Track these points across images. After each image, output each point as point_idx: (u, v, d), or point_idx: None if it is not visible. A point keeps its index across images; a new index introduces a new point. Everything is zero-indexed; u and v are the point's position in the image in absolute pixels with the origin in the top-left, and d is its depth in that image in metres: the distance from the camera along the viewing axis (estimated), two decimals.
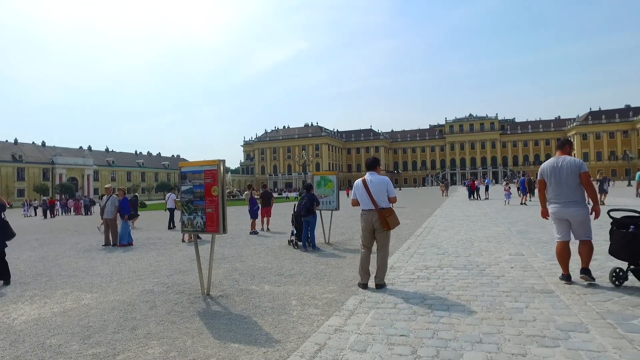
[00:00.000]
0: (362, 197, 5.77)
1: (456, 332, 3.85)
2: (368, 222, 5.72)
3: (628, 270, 5.15)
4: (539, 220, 13.66)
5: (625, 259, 5.11)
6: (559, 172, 5.50)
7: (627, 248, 4.98)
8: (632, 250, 4.96)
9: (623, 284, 5.16)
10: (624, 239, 5.01)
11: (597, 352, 3.30)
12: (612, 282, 5.19)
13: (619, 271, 5.17)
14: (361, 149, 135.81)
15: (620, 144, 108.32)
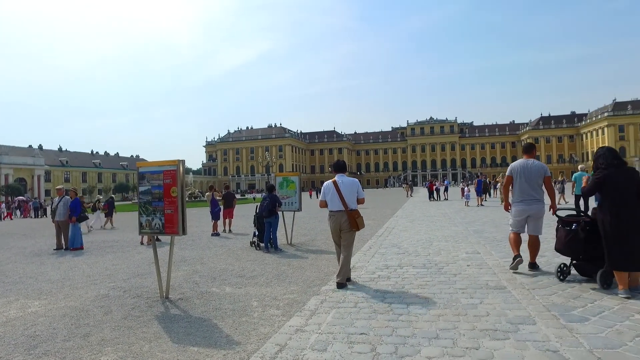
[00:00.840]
0: (332, 198, 5.88)
1: (414, 328, 3.96)
2: (337, 222, 5.84)
3: (571, 265, 5.49)
4: (494, 220, 14.26)
5: (568, 255, 5.46)
6: (529, 172, 6.12)
7: (570, 244, 5.30)
8: (574, 247, 5.28)
9: (567, 278, 5.49)
10: (567, 236, 5.32)
11: (542, 342, 3.50)
12: (557, 276, 5.51)
13: (563, 266, 5.51)
14: (325, 151, 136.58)
15: (567, 148, 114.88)
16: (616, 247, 4.70)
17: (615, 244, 4.70)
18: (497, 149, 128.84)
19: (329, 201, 5.93)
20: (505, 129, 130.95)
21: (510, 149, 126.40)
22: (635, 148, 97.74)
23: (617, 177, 4.81)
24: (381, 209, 23.67)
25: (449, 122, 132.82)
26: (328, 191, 5.94)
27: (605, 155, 5.00)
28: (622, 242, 4.67)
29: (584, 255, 5.31)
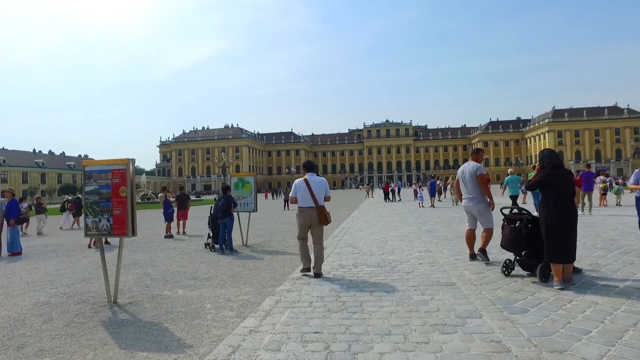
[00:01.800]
0: (303, 195, 6.35)
1: (368, 326, 4.03)
2: (307, 218, 6.33)
3: (515, 261, 5.80)
4: (446, 220, 14.78)
5: (512, 251, 5.76)
6: (466, 174, 6.90)
7: (514, 241, 5.60)
8: (517, 243, 5.58)
9: (511, 273, 5.79)
10: (511, 233, 5.62)
11: (487, 334, 3.68)
12: (502, 272, 5.82)
13: (508, 262, 5.82)
14: (282, 152, 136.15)
15: (514, 151, 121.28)
16: (555, 241, 5.03)
17: (555, 238, 5.03)
18: (449, 152, 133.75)
19: (300, 198, 6.36)
20: (458, 132, 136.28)
21: (462, 151, 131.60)
22: (571, 152, 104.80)
23: (558, 176, 5.18)
24: (338, 210, 23.89)
25: (404, 125, 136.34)
26: (300, 188, 6.38)
27: (550, 156, 5.37)
28: (560, 237, 5.02)
29: (527, 250, 5.62)
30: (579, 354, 3.22)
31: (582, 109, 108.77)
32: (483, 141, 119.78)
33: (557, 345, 3.39)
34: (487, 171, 7.44)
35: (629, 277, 5.52)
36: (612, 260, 6.63)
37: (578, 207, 11.91)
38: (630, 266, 6.16)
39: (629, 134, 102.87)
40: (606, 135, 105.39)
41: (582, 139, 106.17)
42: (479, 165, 6.88)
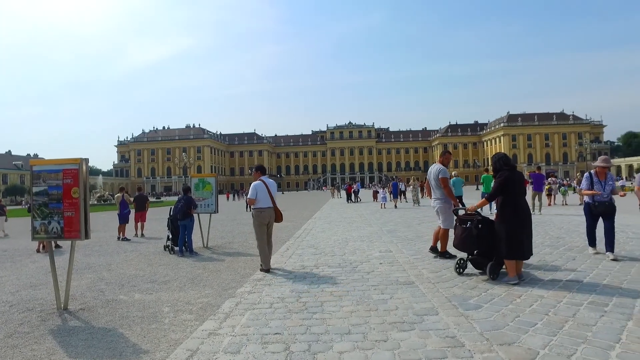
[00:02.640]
0: (264, 196, 6.83)
1: (328, 326, 4.07)
2: (267, 217, 6.84)
3: (467, 260, 6.00)
4: (407, 220, 15.12)
5: (464, 250, 5.93)
6: (431, 176, 7.38)
7: (465, 241, 5.76)
8: (469, 243, 5.75)
9: (464, 272, 5.99)
10: (463, 234, 5.78)
11: (443, 330, 3.81)
12: (455, 271, 6.01)
13: (460, 261, 6.02)
14: (245, 153, 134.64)
15: (472, 154, 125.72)
16: (515, 240, 5.27)
17: (514, 237, 5.27)
18: (410, 154, 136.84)
19: (261, 199, 6.80)
20: (419, 135, 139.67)
21: (423, 154, 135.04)
22: (524, 155, 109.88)
23: (514, 178, 5.44)
24: (300, 211, 23.91)
25: (367, 127, 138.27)
26: (261, 190, 6.82)
27: (505, 159, 5.65)
28: (519, 236, 5.28)
29: (478, 250, 5.81)
30: (525, 345, 3.41)
31: (534, 114, 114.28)
32: (443, 144, 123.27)
33: (506, 337, 3.56)
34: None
35: (571, 272, 5.90)
36: (558, 256, 7.04)
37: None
38: (573, 262, 6.57)
39: (574, 138, 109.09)
40: (555, 139, 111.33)
41: (534, 143, 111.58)
42: (442, 169, 7.23)
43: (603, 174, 6.85)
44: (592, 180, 6.86)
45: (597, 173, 6.87)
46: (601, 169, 6.85)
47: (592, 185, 6.83)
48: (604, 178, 6.82)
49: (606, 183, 6.79)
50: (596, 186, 6.79)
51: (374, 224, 14.06)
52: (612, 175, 6.93)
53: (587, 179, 6.94)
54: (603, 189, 6.74)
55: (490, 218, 5.82)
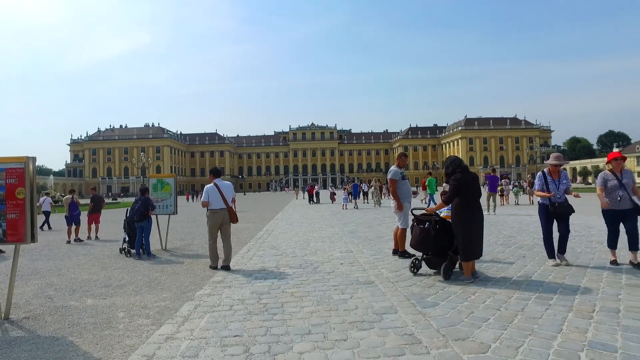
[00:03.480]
0: (215, 198, 7.17)
1: (288, 326, 4.06)
2: (219, 218, 7.17)
3: (422, 260, 6.06)
4: (367, 221, 15.34)
5: (421, 250, 5.98)
6: (388, 177, 7.57)
7: (422, 241, 5.81)
8: (425, 243, 5.80)
9: (419, 271, 6.07)
10: (420, 234, 5.85)
11: (401, 328, 3.90)
12: (410, 270, 6.08)
13: (415, 261, 6.09)
14: (206, 153, 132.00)
15: (431, 156, 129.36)
16: (468, 240, 5.43)
17: (470, 237, 5.43)
18: (372, 156, 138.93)
19: (213, 201, 7.16)
20: (380, 137, 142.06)
21: (384, 155, 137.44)
22: (480, 158, 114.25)
23: (467, 179, 5.59)
24: (262, 213, 23.73)
25: (329, 128, 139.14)
26: (212, 193, 7.18)
27: (457, 162, 5.80)
28: (472, 236, 5.44)
29: (434, 250, 5.88)
30: (478, 339, 3.55)
31: (489, 118, 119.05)
32: (403, 146, 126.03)
33: (461, 333, 3.69)
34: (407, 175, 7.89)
35: (522, 269, 6.21)
36: (509, 254, 7.37)
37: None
38: (523, 259, 6.92)
39: (525, 142, 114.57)
40: (508, 143, 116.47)
41: (489, 146, 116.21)
42: (393, 171, 7.44)
43: (556, 172, 6.48)
44: (546, 179, 6.46)
45: (551, 172, 6.51)
46: (554, 168, 6.49)
47: (546, 186, 6.40)
48: (557, 177, 6.45)
49: (560, 182, 6.39)
50: (550, 186, 6.38)
51: (336, 225, 14.17)
52: (565, 173, 6.53)
53: (540, 179, 6.52)
54: (557, 189, 6.35)
55: (447, 219, 5.94)
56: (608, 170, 6.35)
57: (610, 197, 6.11)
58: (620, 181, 6.07)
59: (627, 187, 6.05)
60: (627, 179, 6.10)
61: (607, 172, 6.32)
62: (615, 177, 6.13)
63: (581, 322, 3.88)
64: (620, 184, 6.05)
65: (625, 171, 6.21)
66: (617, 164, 6.17)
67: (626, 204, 6.00)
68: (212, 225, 7.19)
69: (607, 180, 6.21)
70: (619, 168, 6.17)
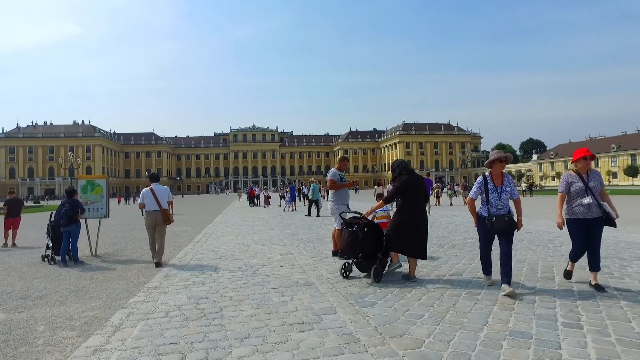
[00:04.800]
0: (150, 201, 7.85)
1: (227, 331, 3.98)
2: (152, 219, 7.86)
3: (352, 263, 6.07)
4: (308, 223, 15.43)
5: (350, 254, 5.92)
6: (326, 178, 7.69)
7: (351, 245, 5.79)
8: (354, 246, 5.78)
9: (350, 275, 6.10)
10: (349, 237, 5.82)
11: (340, 328, 3.97)
12: (341, 274, 6.03)
13: (346, 264, 6.09)
14: (142, 154, 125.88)
15: (370, 160, 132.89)
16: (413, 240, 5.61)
17: (413, 238, 5.61)
18: (313, 158, 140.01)
19: (147, 203, 7.85)
20: (321, 140, 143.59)
21: (325, 158, 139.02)
22: (417, 162, 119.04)
23: (412, 182, 5.74)
24: (200, 215, 23.08)
25: (271, 130, 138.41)
26: (146, 196, 7.89)
27: (403, 165, 5.94)
28: (417, 237, 5.63)
29: (363, 253, 5.85)
30: (413, 335, 3.72)
31: (425, 124, 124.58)
32: (344, 149, 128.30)
33: (397, 330, 3.83)
34: (347, 178, 8.05)
35: (454, 267, 6.59)
36: (443, 253, 7.78)
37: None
38: (455, 257, 7.34)
39: (458, 147, 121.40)
40: (443, 147, 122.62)
41: (425, 150, 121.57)
42: (332, 172, 7.57)
43: (499, 177, 5.16)
44: (486, 186, 5.13)
45: (492, 176, 5.17)
46: (497, 169, 5.13)
47: (486, 194, 5.10)
48: (500, 183, 5.12)
49: (503, 190, 5.07)
50: (491, 195, 5.07)
51: (276, 227, 14.12)
52: (510, 179, 5.18)
53: (479, 186, 5.24)
54: (499, 198, 5.04)
55: (375, 222, 6.08)
56: (572, 171, 5.24)
57: (575, 203, 5.09)
58: (586, 184, 5.03)
59: (595, 191, 5.03)
60: (595, 182, 5.07)
61: (572, 174, 5.22)
62: (581, 180, 5.06)
63: (504, 314, 4.20)
64: (587, 188, 5.01)
65: (592, 172, 5.16)
66: (585, 164, 5.11)
67: (594, 212, 5.01)
68: (148, 226, 7.96)
69: (571, 184, 5.13)
70: (586, 169, 5.12)
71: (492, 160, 5.12)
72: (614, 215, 5.01)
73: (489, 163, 5.16)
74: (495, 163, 5.11)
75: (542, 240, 9.30)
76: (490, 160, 5.16)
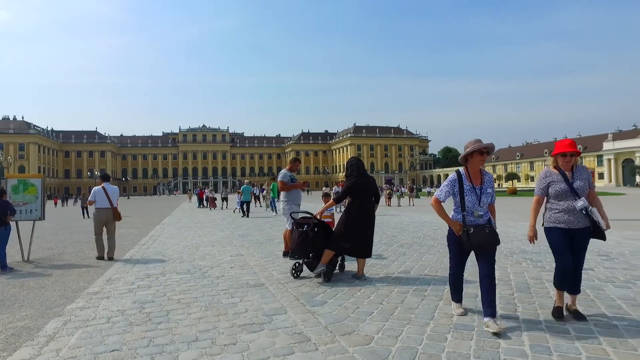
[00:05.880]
0: (103, 199, 8.38)
1: (173, 335, 3.84)
2: (103, 216, 8.40)
3: (303, 263, 6.05)
4: (259, 224, 15.28)
5: (301, 255, 5.93)
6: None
7: (302, 245, 5.80)
8: (305, 246, 5.79)
9: (300, 275, 6.08)
10: (299, 237, 5.83)
11: (291, 327, 3.96)
12: (292, 275, 6.01)
13: (297, 265, 6.07)
14: (84, 153, 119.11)
15: (322, 161, 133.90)
16: (345, 235, 5.65)
17: (360, 237, 5.66)
18: (264, 160, 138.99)
19: (100, 201, 8.37)
20: (273, 141, 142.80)
21: (276, 160, 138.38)
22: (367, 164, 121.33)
23: (363, 183, 5.79)
24: (148, 217, 22.19)
25: (222, 131, 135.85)
26: (99, 194, 8.40)
27: (357, 165, 5.96)
28: (350, 234, 5.66)
29: (313, 253, 5.87)
30: (363, 332, 3.78)
31: (376, 127, 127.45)
32: (295, 150, 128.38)
33: (347, 328, 3.88)
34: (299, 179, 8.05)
35: (402, 265, 6.77)
36: (392, 252, 7.98)
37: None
38: (403, 256, 7.55)
39: (407, 150, 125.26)
40: (392, 150, 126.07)
41: (376, 153, 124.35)
42: (283, 173, 7.57)
43: (478, 174, 3.97)
44: (461, 184, 3.92)
45: (470, 173, 3.96)
46: (476, 165, 3.95)
47: (461, 197, 3.89)
48: (479, 182, 3.95)
49: (483, 191, 3.91)
50: (468, 196, 3.87)
51: (226, 229, 13.86)
52: (491, 177, 4.06)
53: (451, 183, 3.98)
54: (478, 202, 3.87)
55: (325, 222, 6.11)
56: (553, 168, 4.05)
57: (556, 208, 3.94)
58: (570, 184, 3.89)
59: (581, 192, 3.88)
60: (581, 182, 3.91)
61: (552, 171, 4.03)
62: (564, 179, 3.91)
63: (449, 308, 4.36)
64: (571, 189, 3.88)
65: (579, 169, 4.00)
66: (566, 163, 3.93)
67: (580, 221, 3.87)
68: (98, 222, 8.35)
69: (551, 183, 3.97)
70: (569, 167, 3.95)
71: (469, 152, 3.88)
72: (603, 226, 3.84)
73: (464, 157, 3.96)
74: (474, 156, 3.89)
75: None
76: (467, 153, 3.92)
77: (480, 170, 4.00)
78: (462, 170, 4.02)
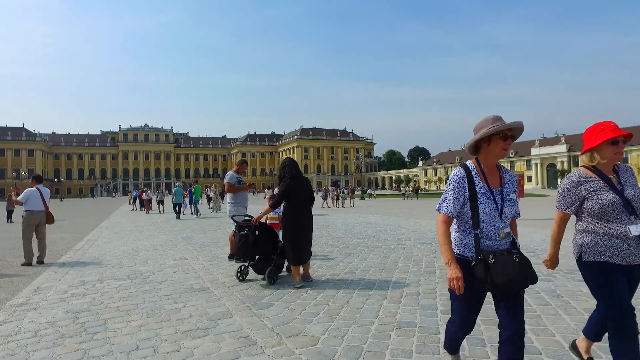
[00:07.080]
0: (36, 201, 8.07)
1: (111, 345, 3.65)
2: (37, 218, 8.08)
3: (248, 266, 5.97)
4: (203, 227, 14.88)
5: (243, 258, 5.82)
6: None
7: (243, 248, 5.67)
8: (246, 250, 5.67)
9: (246, 277, 6.01)
10: (240, 241, 5.76)
11: (237, 331, 3.90)
12: (237, 278, 5.92)
13: (242, 267, 5.98)
14: (9, 151, 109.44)
15: (268, 163, 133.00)
16: (295, 246, 5.55)
17: (295, 243, 5.55)
18: (210, 161, 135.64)
19: (35, 203, 8.02)
20: (218, 142, 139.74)
21: (222, 161, 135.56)
22: (314, 166, 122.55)
23: (296, 185, 5.71)
24: (83, 220, 20.90)
25: (165, 130, 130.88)
26: (34, 196, 8.05)
27: (290, 166, 5.83)
28: (299, 242, 5.58)
29: (257, 256, 5.81)
30: (309, 333, 3.81)
31: (323, 129, 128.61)
32: (242, 152, 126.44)
33: (294, 329, 3.89)
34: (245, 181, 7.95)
35: (347, 266, 6.88)
36: (338, 254, 8.09)
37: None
38: (349, 257, 7.70)
39: (353, 153, 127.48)
40: (339, 153, 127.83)
41: (322, 155, 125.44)
42: (230, 175, 7.44)
43: (495, 171, 2.48)
44: (472, 185, 2.38)
45: (483, 167, 2.44)
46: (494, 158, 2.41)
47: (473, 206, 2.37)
48: (498, 184, 2.45)
49: (505, 197, 2.42)
50: (483, 204, 2.36)
51: (169, 232, 13.38)
52: (513, 175, 2.52)
53: (460, 185, 2.39)
54: (500, 214, 2.38)
55: (267, 224, 6.06)
56: (587, 169, 2.61)
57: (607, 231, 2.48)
58: (621, 193, 2.48)
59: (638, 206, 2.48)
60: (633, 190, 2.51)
61: (587, 174, 2.58)
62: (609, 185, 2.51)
63: (393, 307, 4.51)
64: (624, 202, 2.46)
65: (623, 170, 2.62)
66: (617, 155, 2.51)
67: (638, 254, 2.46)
68: (29, 225, 7.98)
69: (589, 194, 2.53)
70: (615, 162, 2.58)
71: (485, 135, 2.36)
72: None
73: (474, 145, 2.47)
74: (493, 141, 2.38)
75: (426, 238, 10.19)
76: (480, 137, 2.39)
77: (498, 166, 2.52)
78: (471, 164, 2.48)
